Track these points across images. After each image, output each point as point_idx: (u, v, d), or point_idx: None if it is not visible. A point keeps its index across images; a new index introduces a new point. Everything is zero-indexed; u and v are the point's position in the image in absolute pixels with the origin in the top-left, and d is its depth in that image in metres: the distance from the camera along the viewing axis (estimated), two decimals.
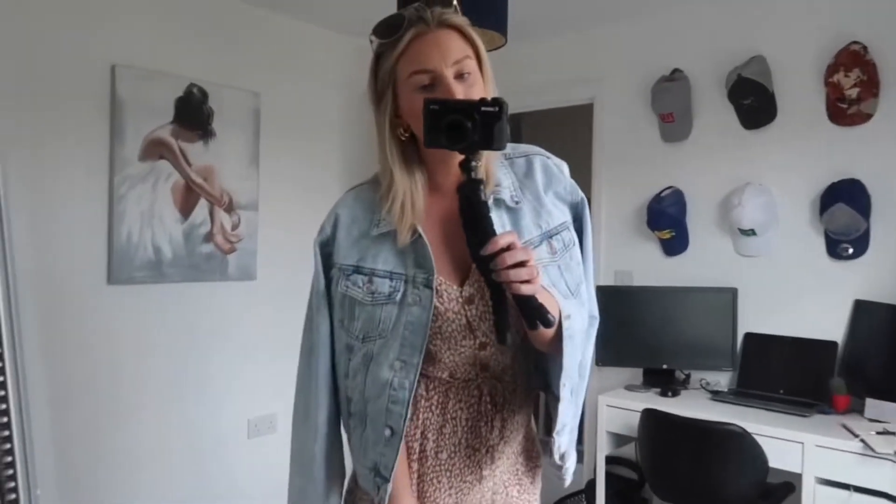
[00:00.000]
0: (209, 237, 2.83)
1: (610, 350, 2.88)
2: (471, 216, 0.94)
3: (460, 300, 1.07)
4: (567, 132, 3.81)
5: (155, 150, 2.64)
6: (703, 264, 2.90)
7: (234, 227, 2.93)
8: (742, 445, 2.22)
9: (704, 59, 2.86)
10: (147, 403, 2.71)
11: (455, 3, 1.13)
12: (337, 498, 1.20)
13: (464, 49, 1.03)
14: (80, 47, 2.48)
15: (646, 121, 3.04)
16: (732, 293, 2.77)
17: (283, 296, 3.04)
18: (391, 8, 1.46)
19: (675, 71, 2.91)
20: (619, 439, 2.77)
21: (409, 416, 1.07)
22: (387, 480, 1.08)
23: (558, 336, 1.02)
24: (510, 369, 1.14)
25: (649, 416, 2.42)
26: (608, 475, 2.79)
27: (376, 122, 1.09)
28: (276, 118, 3.12)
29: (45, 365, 2.42)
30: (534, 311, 0.92)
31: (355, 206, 1.15)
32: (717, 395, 2.65)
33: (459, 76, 1.02)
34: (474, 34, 1.06)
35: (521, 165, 1.16)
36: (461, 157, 0.94)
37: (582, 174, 3.36)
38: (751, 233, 2.69)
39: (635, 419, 2.49)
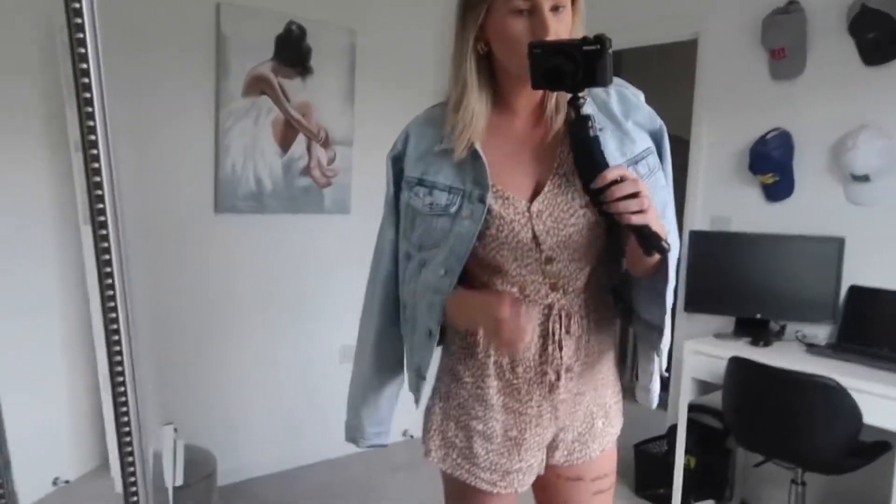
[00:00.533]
0: (306, 171, 2.96)
1: (700, 296, 2.81)
2: (581, 151, 1.00)
3: (527, 214, 1.12)
4: (667, 71, 3.63)
5: (256, 86, 2.76)
6: (808, 212, 2.73)
7: (330, 161, 3.04)
8: (834, 399, 2.13)
9: None
10: (250, 325, 2.92)
11: None
12: (384, 385, 1.32)
13: None
14: None
15: (754, 56, 2.85)
16: (839, 243, 2.61)
17: (376, 230, 3.13)
18: None
19: (791, 2, 2.70)
20: (704, 387, 2.72)
21: (441, 320, 1.15)
22: (423, 379, 1.22)
23: (660, 261, 1.07)
24: (582, 293, 1.18)
25: (736, 363, 2.36)
26: (692, 422, 2.76)
27: (458, 31, 1.11)
28: (371, 55, 3.16)
29: (154, 285, 2.65)
30: (648, 239, 0.96)
31: (424, 124, 1.21)
32: (812, 349, 2.54)
33: (554, 9, 1.04)
34: None
35: (600, 95, 1.17)
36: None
37: (682, 114, 3.21)
38: (864, 179, 2.50)
39: (722, 367, 2.44)
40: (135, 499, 0.76)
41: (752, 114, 2.88)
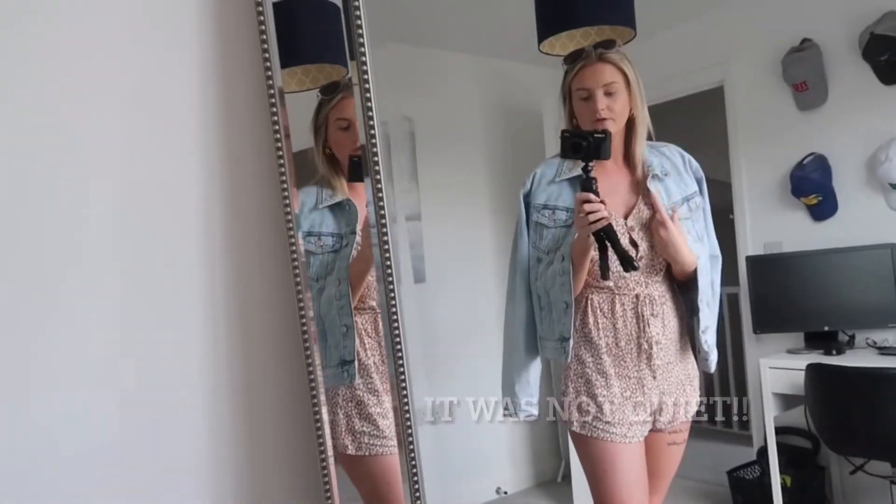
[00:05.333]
0: None
1: (766, 318, 2.95)
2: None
3: (624, 227, 1.71)
4: (695, 118, 3.90)
5: None
6: (855, 224, 2.90)
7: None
8: None
9: (833, 24, 2.91)
10: None
11: (616, 45, 1.76)
12: (531, 361, 1.81)
13: (613, 76, 1.69)
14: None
15: (779, 93, 3.11)
16: (891, 248, 2.76)
17: (448, 294, 3.38)
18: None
19: (805, 41, 2.98)
20: (785, 401, 2.82)
21: (573, 291, 1.65)
22: (568, 340, 1.68)
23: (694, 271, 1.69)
24: (660, 285, 1.72)
25: (814, 370, 2.48)
26: (780, 445, 2.83)
27: (562, 112, 1.78)
28: (428, 138, 3.51)
29: None
30: (623, 259, 1.59)
31: (545, 167, 1.80)
32: (885, 350, 2.65)
33: (608, 94, 1.67)
34: (625, 65, 1.70)
35: (666, 152, 1.81)
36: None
37: (716, 159, 3.47)
38: None
39: (800, 378, 2.56)
40: None
41: (785, 145, 3.11)
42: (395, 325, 1.16)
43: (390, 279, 1.22)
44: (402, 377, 1.14)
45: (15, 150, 1.31)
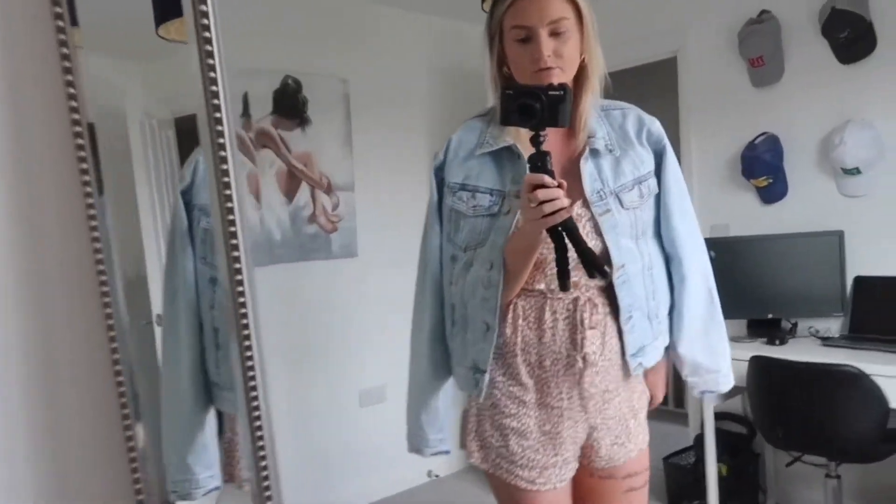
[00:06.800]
0: (312, 218, 3.01)
1: None
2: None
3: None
4: (647, 90, 3.74)
5: (259, 140, 2.84)
6: (804, 209, 2.81)
7: (335, 207, 3.10)
8: (859, 387, 2.16)
9: None
10: (272, 372, 2.92)
11: None
12: (441, 389, 1.37)
13: (562, 10, 1.17)
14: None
15: (733, 68, 2.97)
16: (839, 236, 2.68)
17: (384, 270, 3.18)
18: None
19: (763, 12, 2.82)
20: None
21: (500, 310, 1.21)
22: (484, 373, 1.24)
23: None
24: (603, 293, 1.25)
25: (758, 363, 2.39)
26: (716, 430, 2.76)
27: (488, 60, 1.28)
28: (365, 101, 3.26)
29: None
30: (585, 256, 1.09)
31: (464, 134, 1.32)
32: (828, 341, 2.58)
33: (555, 34, 1.17)
34: None
35: (617, 117, 1.31)
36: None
37: (668, 129, 3.30)
38: (855, 171, 2.59)
39: (743, 369, 2.47)
40: None
41: (738, 122, 2.98)
42: (243, 306, 0.83)
43: (236, 255, 0.86)
44: (252, 375, 0.85)
45: None
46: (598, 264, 1.09)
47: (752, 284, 2.80)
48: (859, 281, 2.65)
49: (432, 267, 1.33)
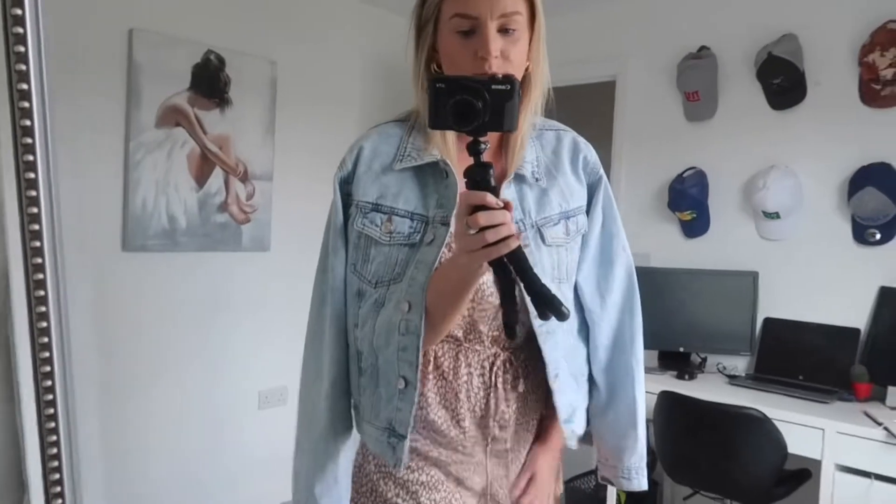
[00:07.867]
0: (224, 207, 2.80)
1: None
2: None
3: None
4: (586, 110, 3.74)
5: (171, 117, 2.60)
6: (723, 247, 2.85)
7: (249, 196, 2.90)
8: (761, 430, 2.18)
9: (733, 36, 2.79)
10: (159, 371, 2.70)
11: None
12: (341, 452, 1.13)
13: (515, 4, 0.96)
14: (97, 10, 2.43)
15: (670, 99, 2.98)
16: (753, 277, 2.73)
17: (296, 268, 3.00)
18: None
19: (703, 48, 2.84)
20: None
21: (420, 364, 0.99)
22: (403, 438, 1.01)
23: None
24: (524, 350, 1.07)
25: (666, 398, 2.39)
26: None
27: (414, 52, 1.04)
28: (293, 87, 3.07)
29: None
30: (545, 302, 0.85)
31: (379, 140, 1.07)
32: (734, 380, 2.62)
33: (503, 30, 0.96)
34: None
35: (551, 140, 1.11)
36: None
37: (601, 154, 3.30)
38: (775, 216, 2.63)
39: (651, 401, 2.46)
40: None
41: (669, 153, 2.99)
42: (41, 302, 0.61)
43: (35, 228, 0.62)
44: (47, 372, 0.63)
45: None
46: (555, 304, 0.83)
47: (667, 316, 2.81)
48: (768, 322, 2.71)
49: (335, 302, 1.07)
